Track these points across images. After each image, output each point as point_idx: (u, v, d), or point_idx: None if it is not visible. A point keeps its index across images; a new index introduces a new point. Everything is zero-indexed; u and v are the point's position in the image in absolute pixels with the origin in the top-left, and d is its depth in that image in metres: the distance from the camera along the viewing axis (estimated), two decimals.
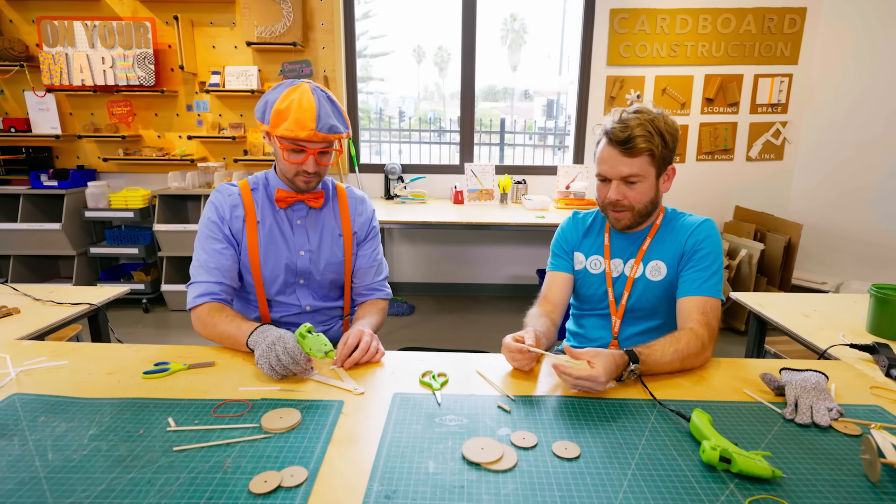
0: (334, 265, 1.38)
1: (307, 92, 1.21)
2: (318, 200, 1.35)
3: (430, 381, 1.04)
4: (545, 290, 1.38)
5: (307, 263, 1.35)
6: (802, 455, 0.82)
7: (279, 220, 1.34)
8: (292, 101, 1.19)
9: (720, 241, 1.25)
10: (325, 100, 1.23)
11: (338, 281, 1.42)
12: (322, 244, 1.37)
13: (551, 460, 0.80)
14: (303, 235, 1.35)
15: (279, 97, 1.21)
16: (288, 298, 1.38)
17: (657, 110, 1.20)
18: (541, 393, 1.00)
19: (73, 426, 0.86)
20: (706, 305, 1.18)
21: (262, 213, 1.33)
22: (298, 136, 1.19)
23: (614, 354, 1.00)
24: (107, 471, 0.75)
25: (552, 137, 4.08)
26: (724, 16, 3.35)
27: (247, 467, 0.76)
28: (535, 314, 1.31)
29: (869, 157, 3.30)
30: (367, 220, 1.44)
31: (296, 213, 1.35)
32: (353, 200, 1.43)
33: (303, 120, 1.18)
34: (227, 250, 1.28)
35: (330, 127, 1.22)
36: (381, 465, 0.78)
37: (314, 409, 0.93)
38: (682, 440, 0.85)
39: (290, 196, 1.31)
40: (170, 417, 0.88)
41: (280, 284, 1.35)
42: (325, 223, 1.38)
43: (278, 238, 1.33)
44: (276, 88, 1.24)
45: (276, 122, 1.20)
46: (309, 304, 1.39)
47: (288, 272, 1.35)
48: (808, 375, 1.02)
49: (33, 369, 1.05)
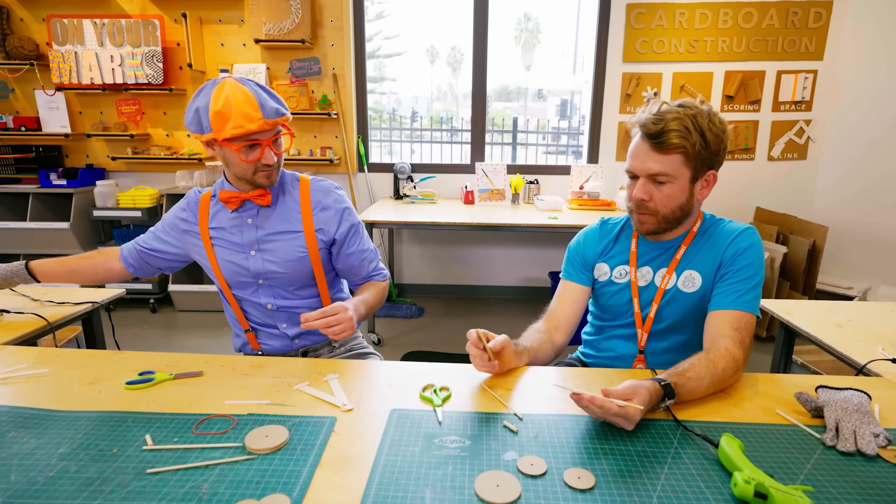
0: (293, 262, 1.30)
1: (237, 85, 1.13)
2: (266, 198, 1.27)
3: (431, 395, 0.96)
4: (554, 305, 1.27)
5: (259, 263, 1.29)
6: (848, 489, 0.72)
7: (231, 222, 1.30)
8: (227, 98, 1.11)
9: (762, 253, 1.13)
10: (257, 87, 1.17)
11: (303, 280, 1.34)
12: (276, 242, 1.29)
13: (562, 491, 0.71)
14: (251, 234, 1.29)
15: (210, 100, 1.13)
16: (252, 297, 1.34)
17: (705, 106, 1.08)
18: (552, 412, 0.92)
19: (43, 443, 0.79)
20: (741, 321, 1.06)
21: (215, 218, 1.31)
22: (250, 129, 1.12)
23: (650, 389, 0.87)
24: (72, 496, 0.68)
25: (566, 137, 3.98)
26: (746, 10, 3.23)
27: (224, 494, 0.69)
28: (534, 329, 1.21)
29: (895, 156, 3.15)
30: (337, 216, 1.32)
31: (246, 212, 1.29)
32: (317, 193, 1.32)
33: (248, 112, 1.12)
34: (164, 239, 1.36)
35: (275, 111, 1.16)
36: (372, 495, 0.70)
37: (304, 425, 0.85)
38: (710, 469, 0.76)
39: (233, 196, 1.26)
40: (147, 434, 0.82)
41: (241, 285, 1.33)
42: (279, 220, 1.30)
43: (229, 240, 1.30)
44: (198, 95, 1.15)
45: (218, 125, 1.12)
46: (270, 303, 1.34)
47: (243, 273, 1.30)
48: (849, 395, 0.92)
49: (11, 378, 0.99)
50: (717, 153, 1.09)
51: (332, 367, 1.08)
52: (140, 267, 1.39)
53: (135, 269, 1.40)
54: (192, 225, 1.33)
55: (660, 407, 0.89)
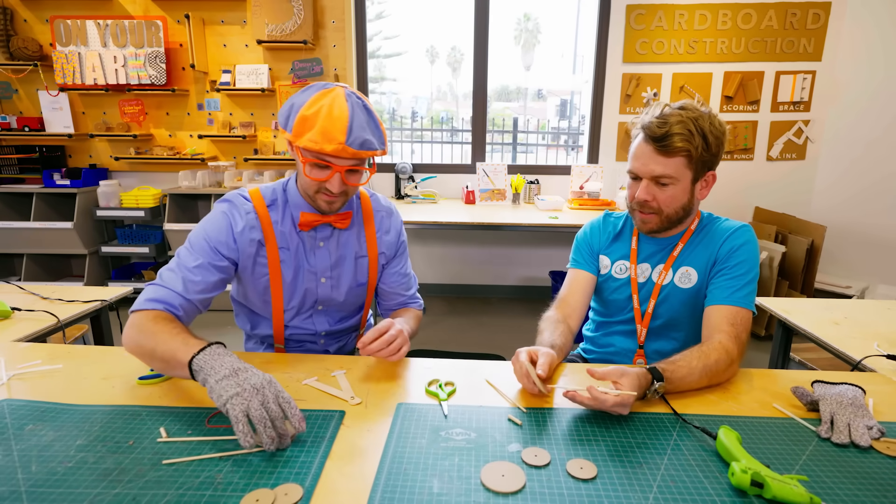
0: (356, 289, 1.25)
1: (340, 98, 1.02)
2: (346, 221, 1.18)
3: (437, 390, 0.98)
4: (565, 291, 1.29)
5: (328, 290, 1.22)
6: (842, 479, 0.75)
7: (301, 243, 1.18)
8: (321, 108, 1.01)
9: (757, 250, 1.16)
10: (360, 109, 1.05)
11: (357, 305, 1.29)
12: (344, 268, 1.22)
13: (565, 480, 0.74)
14: (325, 260, 1.20)
15: (306, 101, 1.03)
16: (303, 323, 1.25)
17: (705, 108, 1.10)
18: (555, 405, 0.94)
19: (61, 435, 0.82)
20: (737, 317, 1.09)
21: (283, 237, 1.16)
22: (324, 149, 1.01)
23: (639, 373, 0.91)
24: (91, 485, 0.70)
25: (565, 137, 4.00)
26: (745, 11, 3.25)
27: (239, 483, 0.71)
28: (552, 319, 1.21)
29: (894, 156, 3.18)
30: (396, 237, 1.29)
31: (318, 233, 1.19)
32: (380, 215, 1.27)
33: (331, 131, 1.00)
34: (218, 272, 1.10)
35: (363, 142, 1.03)
36: (381, 484, 0.72)
37: (313, 419, 0.87)
38: (709, 460, 0.79)
39: (315, 220, 1.15)
40: (162, 427, 0.84)
41: (296, 311, 1.23)
42: (348, 245, 1.22)
43: (300, 264, 1.18)
44: (305, 91, 1.06)
45: (299, 130, 1.02)
46: (325, 330, 1.27)
47: (307, 299, 1.22)
48: (844, 389, 0.94)
49: (26, 373, 1.02)
50: (717, 154, 1.12)
51: (339, 362, 1.10)
52: (202, 309, 1.11)
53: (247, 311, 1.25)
54: (251, 244, 1.14)
55: (650, 391, 0.92)
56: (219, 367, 0.82)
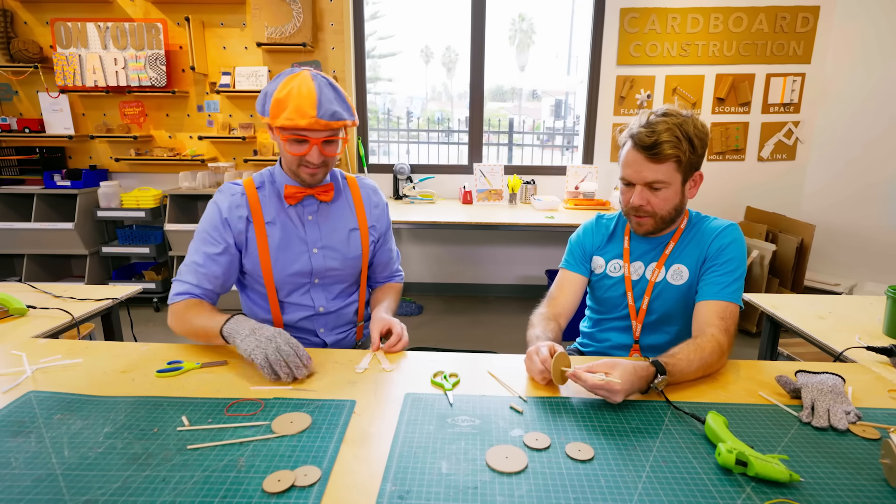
0: (351, 261, 1.34)
1: (307, 78, 1.15)
2: (329, 193, 1.30)
3: (442, 381, 1.03)
4: (555, 290, 1.36)
5: (321, 261, 1.30)
6: (820, 459, 0.81)
7: (290, 217, 1.29)
8: (291, 90, 1.13)
9: (745, 248, 1.22)
10: (326, 86, 1.17)
11: (354, 278, 1.38)
12: (336, 240, 1.32)
13: (565, 462, 0.79)
14: (315, 231, 1.30)
15: (278, 86, 1.15)
16: (301, 299, 1.32)
17: (686, 112, 1.16)
18: (553, 394, 1.00)
19: (88, 424, 0.86)
20: (726, 311, 1.15)
21: (271, 212, 1.27)
22: (299, 124, 1.13)
23: (636, 366, 0.95)
24: (122, 468, 0.75)
25: (560, 138, 4.06)
26: (736, 14, 3.32)
27: (260, 466, 0.76)
28: (542, 316, 1.28)
29: (882, 156, 3.26)
30: (383, 212, 1.41)
31: (306, 208, 1.30)
32: (366, 190, 1.38)
33: (302, 107, 1.12)
34: (221, 256, 1.23)
35: (332, 113, 1.15)
36: (394, 466, 0.77)
37: (326, 408, 0.93)
38: (697, 442, 0.84)
39: (298, 191, 1.26)
40: (183, 416, 0.89)
41: (293, 285, 1.31)
42: (338, 217, 1.33)
43: (290, 237, 1.28)
44: (275, 79, 1.18)
45: (275, 112, 1.14)
46: (322, 306, 1.34)
47: (301, 272, 1.30)
48: (825, 378, 1.00)
49: (49, 367, 1.06)
50: (702, 156, 1.19)
51: (347, 356, 1.15)
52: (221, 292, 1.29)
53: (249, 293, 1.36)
54: (240, 220, 1.25)
55: (654, 384, 0.97)
56: (241, 330, 1.07)
